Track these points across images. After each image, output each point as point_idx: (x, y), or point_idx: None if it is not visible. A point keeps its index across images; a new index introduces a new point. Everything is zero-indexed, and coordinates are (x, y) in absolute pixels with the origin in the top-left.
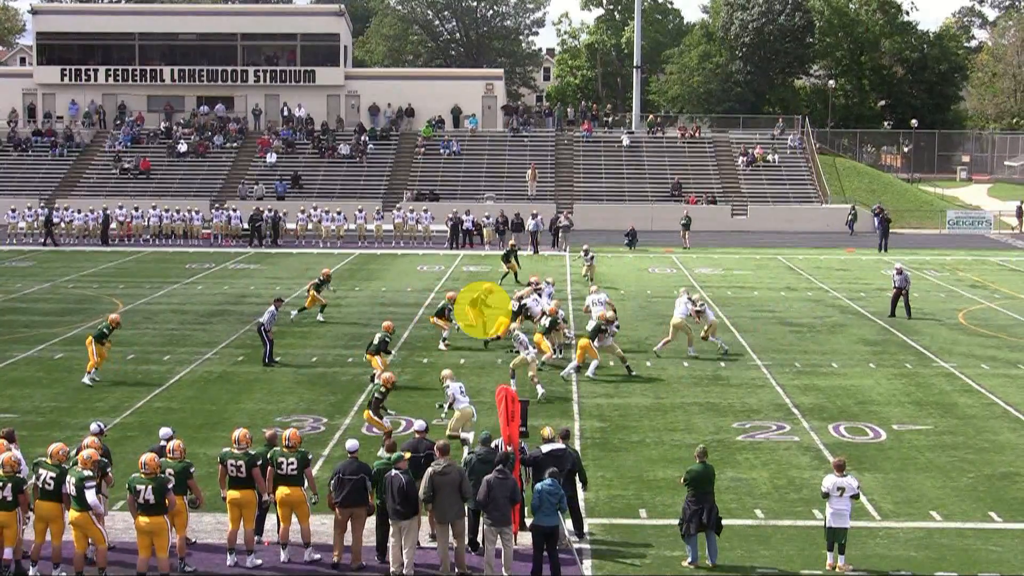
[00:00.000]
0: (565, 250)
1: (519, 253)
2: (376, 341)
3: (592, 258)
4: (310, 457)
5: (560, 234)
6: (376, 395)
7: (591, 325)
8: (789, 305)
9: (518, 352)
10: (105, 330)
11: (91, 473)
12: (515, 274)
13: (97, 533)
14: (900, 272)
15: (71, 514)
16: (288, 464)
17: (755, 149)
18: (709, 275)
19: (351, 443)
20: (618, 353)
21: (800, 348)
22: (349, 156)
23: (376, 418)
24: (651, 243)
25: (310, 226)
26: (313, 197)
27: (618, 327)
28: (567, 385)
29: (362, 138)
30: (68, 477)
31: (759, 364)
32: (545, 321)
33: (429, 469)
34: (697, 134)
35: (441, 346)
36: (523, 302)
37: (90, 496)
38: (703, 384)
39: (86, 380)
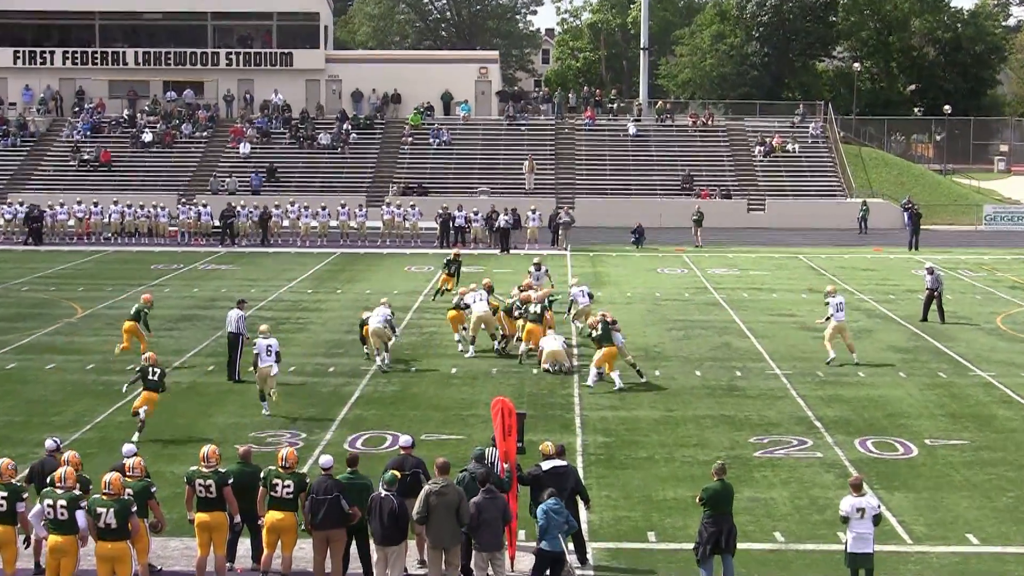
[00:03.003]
0: (566, 248)
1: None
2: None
3: (546, 272)
4: (308, 481)
5: (560, 231)
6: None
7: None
8: (811, 309)
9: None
10: (145, 310)
11: (80, 492)
12: (442, 291)
13: (74, 562)
14: (931, 272)
15: (52, 539)
16: (284, 487)
17: (773, 138)
18: (723, 276)
19: (325, 459)
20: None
21: (823, 356)
22: (330, 147)
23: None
24: (660, 241)
25: (286, 223)
26: (291, 191)
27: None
28: (568, 396)
29: (344, 127)
30: (47, 500)
31: (778, 373)
32: (536, 308)
33: (426, 487)
34: (710, 122)
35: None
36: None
37: (80, 518)
38: (717, 395)
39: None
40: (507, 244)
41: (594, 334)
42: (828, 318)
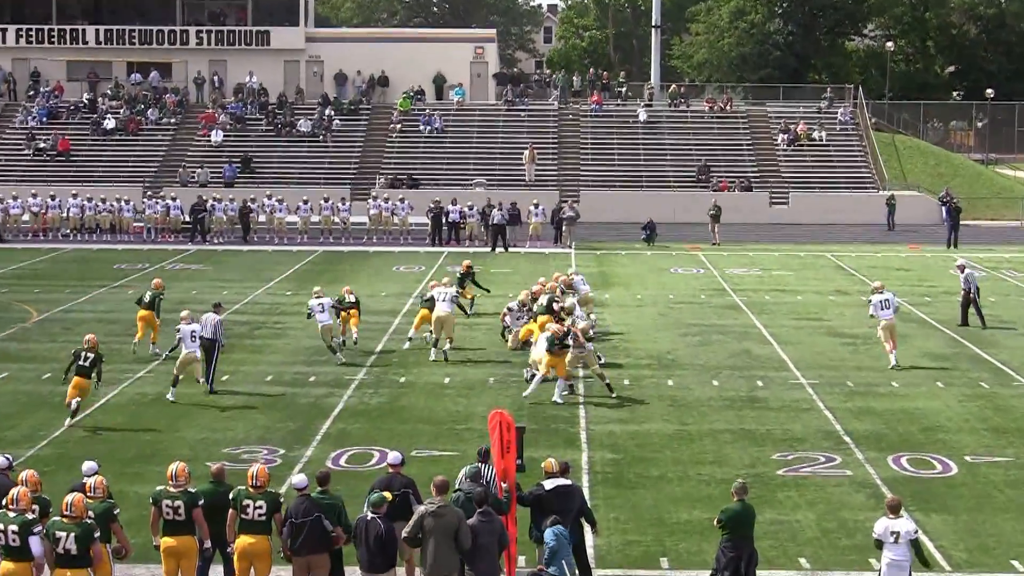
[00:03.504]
0: (570, 246)
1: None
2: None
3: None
4: (281, 500)
5: (564, 227)
6: None
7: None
8: (839, 312)
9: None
10: (160, 296)
11: (34, 516)
12: (469, 304)
13: None
14: (962, 269)
15: (3, 566)
16: (256, 508)
17: (798, 125)
18: (743, 276)
19: (298, 479)
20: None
21: (853, 364)
22: (311, 134)
23: None
24: (673, 238)
25: (263, 218)
26: (267, 183)
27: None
28: (572, 408)
29: (326, 112)
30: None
31: (803, 383)
32: (543, 300)
33: (421, 507)
34: (728, 107)
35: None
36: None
37: (35, 544)
38: (736, 407)
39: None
40: (504, 241)
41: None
42: (871, 317)
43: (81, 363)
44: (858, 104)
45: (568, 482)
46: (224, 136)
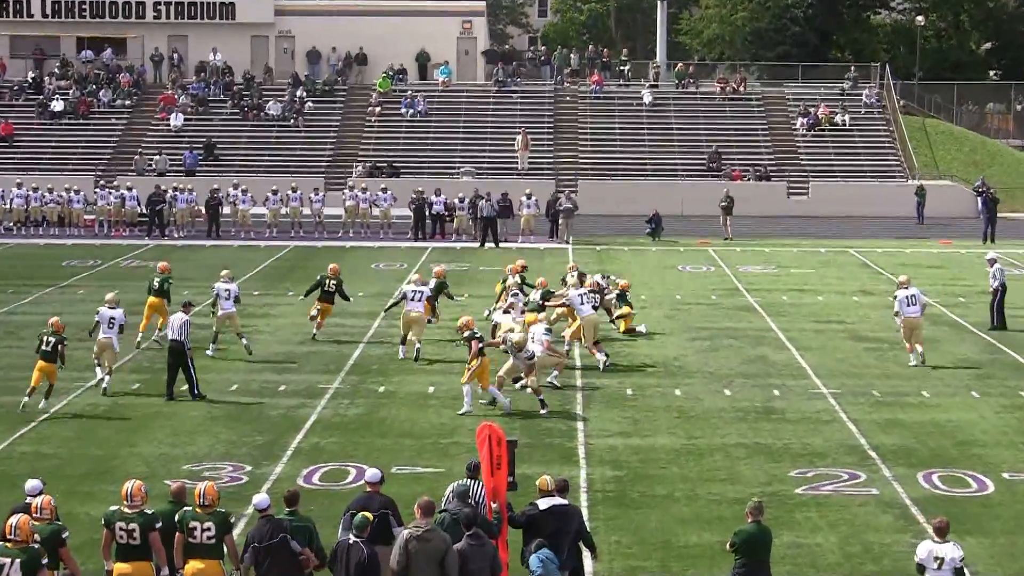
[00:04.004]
0: (567, 241)
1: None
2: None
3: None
4: (232, 520)
5: (560, 220)
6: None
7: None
8: (864, 314)
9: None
10: (169, 280)
11: (38, 546)
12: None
13: None
14: (993, 264)
15: None
16: (203, 530)
17: (819, 108)
18: (758, 275)
19: (259, 499)
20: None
21: (879, 371)
22: (281, 118)
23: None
24: (681, 233)
25: (227, 210)
26: (233, 172)
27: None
28: (569, 420)
29: (298, 94)
30: None
31: (825, 392)
32: (536, 295)
33: (405, 532)
34: (742, 88)
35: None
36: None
37: None
38: (750, 419)
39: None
40: (495, 236)
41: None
42: (896, 314)
43: (43, 348)
44: (885, 85)
45: (565, 502)
46: (185, 120)
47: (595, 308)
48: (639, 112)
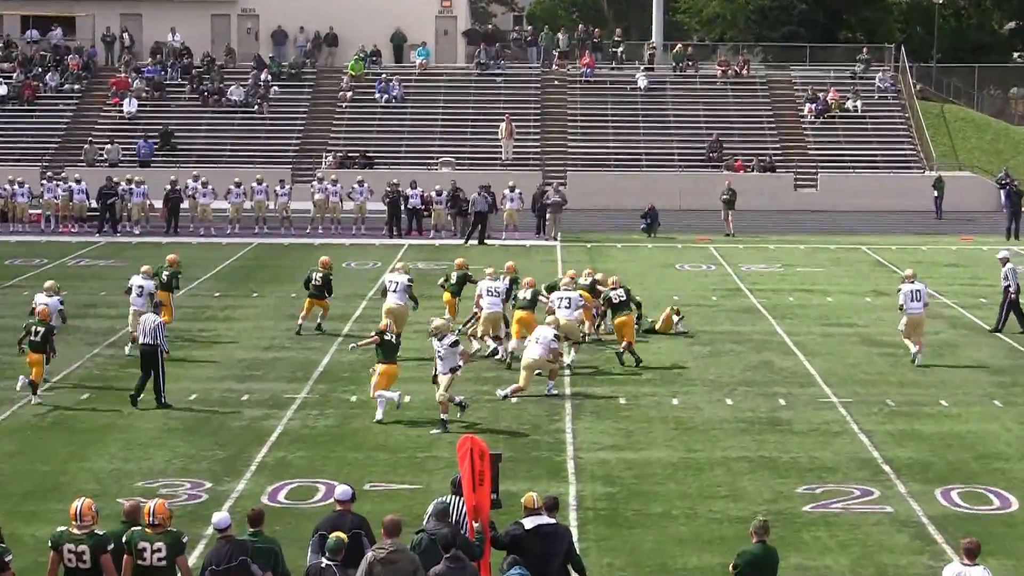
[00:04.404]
0: (556, 238)
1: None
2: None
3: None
4: (185, 540)
5: (548, 215)
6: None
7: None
8: (877, 317)
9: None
10: (178, 274)
11: None
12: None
13: None
14: (1005, 262)
15: None
16: (153, 551)
17: (828, 93)
18: (762, 274)
19: (218, 518)
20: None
21: (894, 378)
22: (244, 104)
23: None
24: (679, 228)
25: (186, 204)
26: (191, 163)
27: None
28: (558, 432)
29: (262, 78)
30: None
31: (834, 401)
32: (527, 293)
33: (369, 553)
34: (745, 71)
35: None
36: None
37: None
38: (754, 430)
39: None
40: (483, 232)
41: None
42: (900, 308)
43: (32, 338)
44: (900, 68)
45: (553, 521)
46: (139, 106)
47: (620, 307)
48: (633, 97)
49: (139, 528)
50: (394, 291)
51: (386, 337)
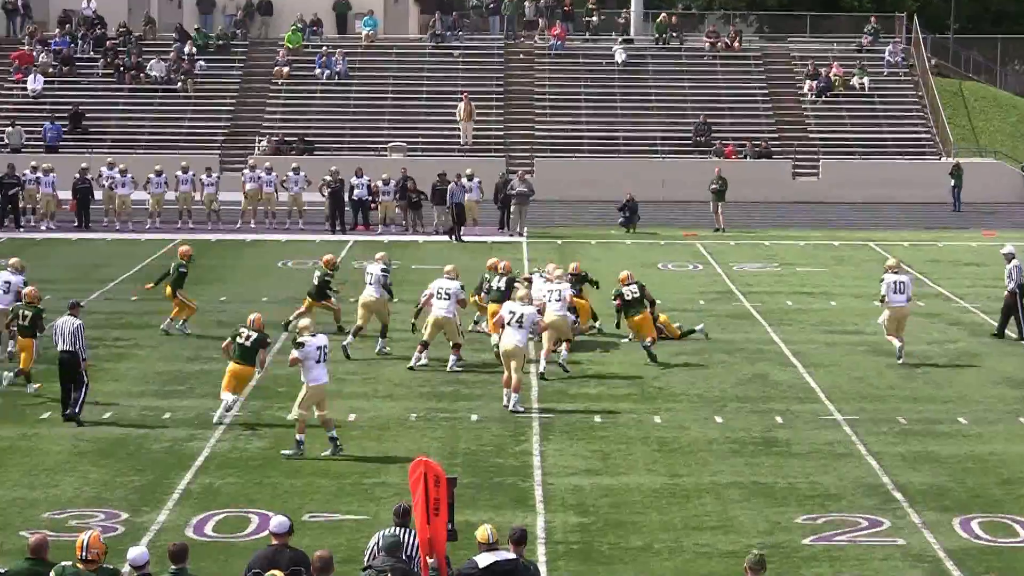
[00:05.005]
0: (521, 233)
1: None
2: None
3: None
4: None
5: (512, 207)
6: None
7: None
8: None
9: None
10: (183, 269)
11: None
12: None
13: None
14: (1010, 259)
15: None
16: None
17: (831, 68)
18: (757, 274)
19: (134, 553)
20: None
21: (906, 393)
22: (165, 81)
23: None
24: (661, 222)
25: (98, 195)
26: (106, 148)
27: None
28: (524, 454)
29: (186, 51)
30: None
31: (838, 419)
32: (500, 283)
33: None
34: (737, 44)
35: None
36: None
37: None
38: (747, 452)
39: (178, 328)
40: (460, 227)
41: None
42: (882, 299)
43: (21, 323)
44: (913, 39)
45: (513, 556)
46: (45, 83)
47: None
48: (610, 74)
49: (70, 564)
50: (370, 283)
51: (239, 340)
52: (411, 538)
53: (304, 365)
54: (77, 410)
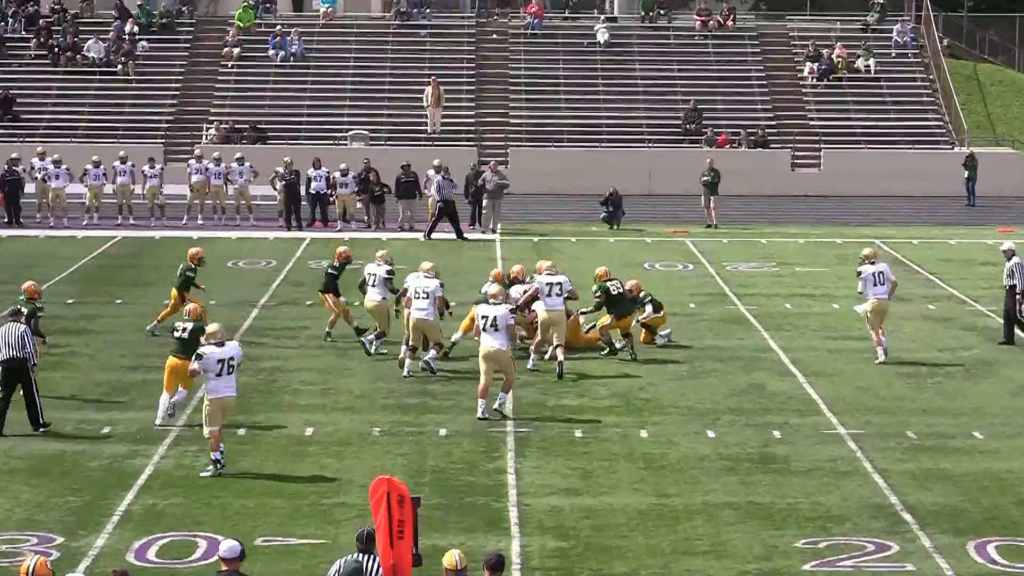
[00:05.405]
0: (494, 230)
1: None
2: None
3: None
4: None
5: (485, 202)
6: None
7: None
8: (895, 327)
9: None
10: (190, 273)
11: None
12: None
13: None
14: (1010, 256)
15: None
16: None
17: (833, 49)
18: (752, 274)
19: None
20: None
21: (916, 405)
22: (104, 63)
23: None
24: (648, 218)
25: (30, 187)
26: (38, 136)
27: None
28: (498, 472)
29: (127, 30)
30: None
31: (842, 433)
32: (491, 287)
33: None
34: (730, 23)
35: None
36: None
37: None
38: (741, 469)
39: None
40: (456, 223)
41: None
42: (860, 294)
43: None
44: (923, 18)
45: None
46: None
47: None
48: (592, 55)
49: None
50: (373, 285)
51: (176, 334)
52: (374, 565)
53: (206, 377)
54: (41, 419)
